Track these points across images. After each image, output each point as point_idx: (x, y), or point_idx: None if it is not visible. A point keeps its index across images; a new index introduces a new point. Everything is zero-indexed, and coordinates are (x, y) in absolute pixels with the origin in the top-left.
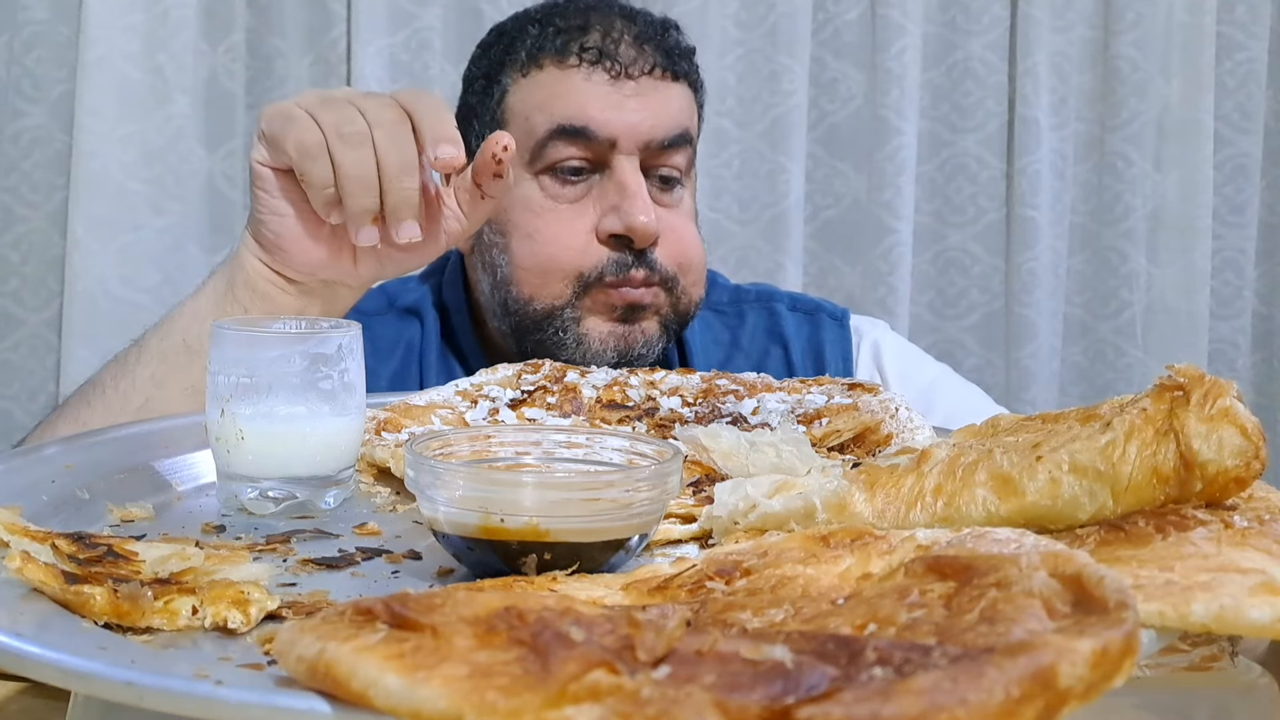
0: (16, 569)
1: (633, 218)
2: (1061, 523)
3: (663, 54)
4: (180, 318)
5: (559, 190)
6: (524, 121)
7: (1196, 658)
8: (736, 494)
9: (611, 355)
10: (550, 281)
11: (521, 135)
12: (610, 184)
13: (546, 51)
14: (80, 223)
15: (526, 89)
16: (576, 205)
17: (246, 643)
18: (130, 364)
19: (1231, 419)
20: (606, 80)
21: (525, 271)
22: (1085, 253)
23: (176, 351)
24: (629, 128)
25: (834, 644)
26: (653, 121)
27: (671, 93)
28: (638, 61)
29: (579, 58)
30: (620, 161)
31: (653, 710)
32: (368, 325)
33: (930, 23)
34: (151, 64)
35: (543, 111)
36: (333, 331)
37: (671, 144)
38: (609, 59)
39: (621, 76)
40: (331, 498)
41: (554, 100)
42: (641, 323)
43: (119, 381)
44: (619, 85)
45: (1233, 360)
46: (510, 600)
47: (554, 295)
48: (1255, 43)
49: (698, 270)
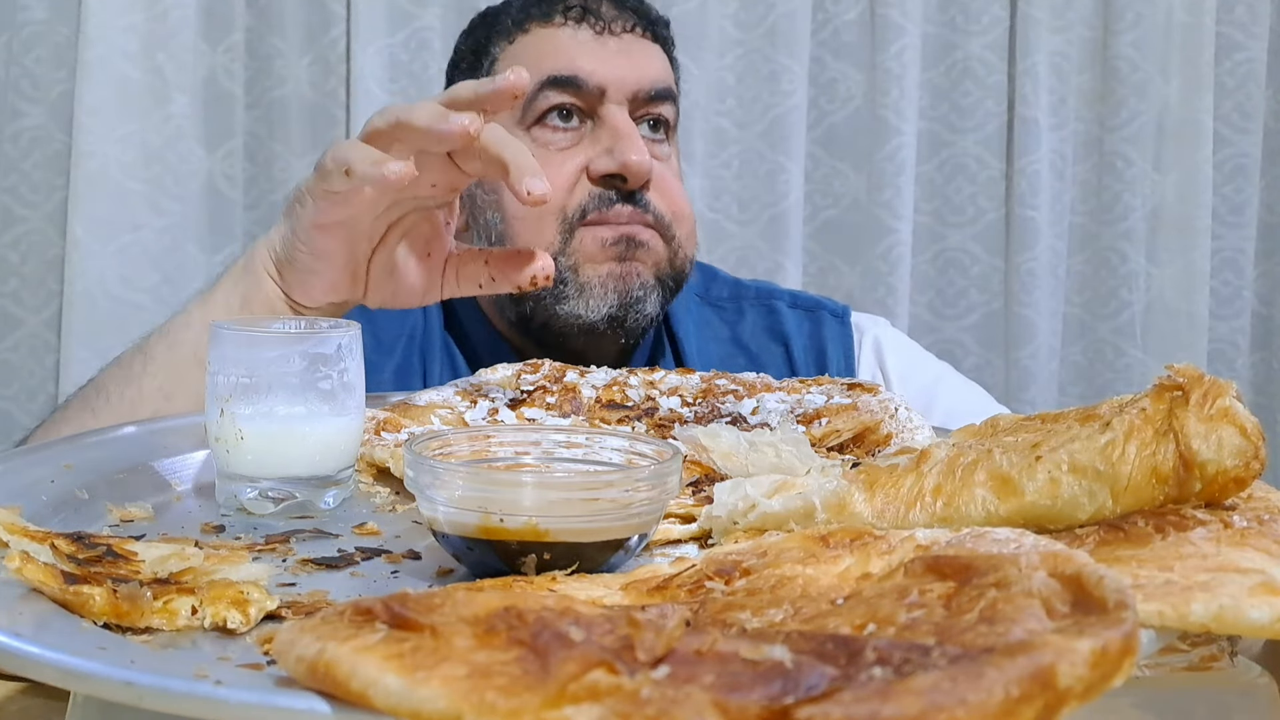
0: (16, 569)
1: (626, 155)
2: (1061, 523)
3: (640, 16)
4: (189, 329)
5: (550, 138)
6: None
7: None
8: (736, 494)
9: (613, 298)
10: (543, 227)
11: None
12: (603, 130)
13: (531, 17)
14: (79, 223)
15: (514, 53)
16: (567, 151)
17: (246, 643)
18: (136, 373)
19: (1231, 419)
20: (592, 36)
21: (519, 220)
22: (1085, 253)
23: (187, 365)
24: (617, 78)
25: (833, 644)
26: (638, 74)
27: (652, 52)
28: (619, 19)
29: (564, 16)
30: (611, 109)
31: (652, 710)
32: (370, 318)
33: (930, 23)
34: (151, 64)
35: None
36: (332, 331)
37: (658, 96)
38: (593, 15)
39: (605, 33)
40: (331, 498)
41: (543, 57)
42: (637, 264)
43: (124, 389)
44: (604, 40)
45: (1232, 360)
46: (510, 600)
47: (545, 243)
48: (1255, 43)
49: (690, 224)
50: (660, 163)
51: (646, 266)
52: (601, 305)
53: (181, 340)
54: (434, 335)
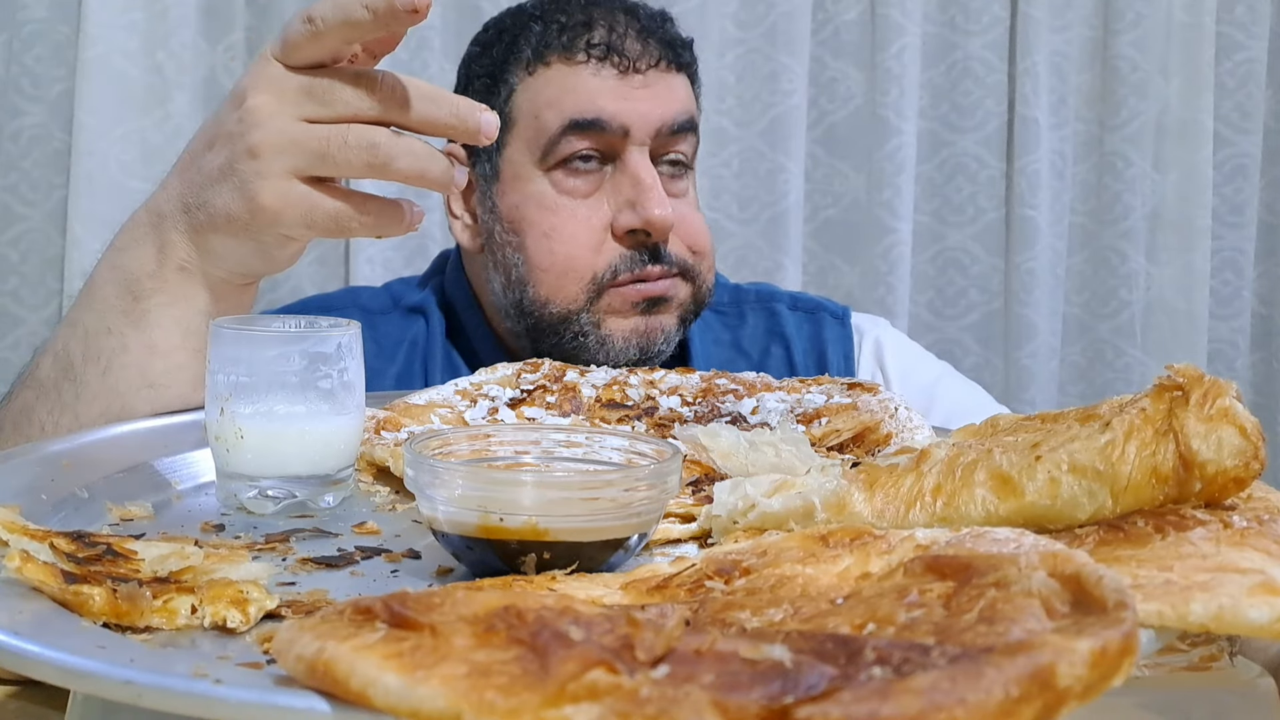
0: (15, 568)
1: (650, 211)
2: (1060, 522)
3: (665, 46)
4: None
5: (571, 184)
6: (533, 120)
7: (1195, 658)
8: (736, 493)
9: (634, 352)
10: (567, 283)
11: (532, 133)
12: (623, 178)
13: (553, 49)
14: (79, 221)
15: (534, 87)
16: (590, 200)
17: (245, 642)
18: (68, 400)
19: (1230, 419)
20: (615, 75)
21: (542, 272)
22: (1084, 252)
23: (135, 390)
24: (640, 117)
25: (833, 643)
26: (662, 110)
27: (676, 82)
28: (643, 55)
29: (586, 54)
30: (632, 154)
31: (651, 709)
32: (372, 324)
33: (930, 22)
34: (151, 62)
35: (553, 108)
36: (332, 330)
37: (680, 129)
38: (616, 54)
39: (630, 71)
40: (331, 497)
41: (564, 96)
42: (661, 316)
43: (59, 419)
44: (628, 79)
45: (1232, 360)
46: (509, 599)
47: (569, 298)
48: (1255, 43)
49: (710, 256)
50: (679, 199)
51: (670, 315)
52: (622, 357)
53: (120, 364)
54: (436, 342)
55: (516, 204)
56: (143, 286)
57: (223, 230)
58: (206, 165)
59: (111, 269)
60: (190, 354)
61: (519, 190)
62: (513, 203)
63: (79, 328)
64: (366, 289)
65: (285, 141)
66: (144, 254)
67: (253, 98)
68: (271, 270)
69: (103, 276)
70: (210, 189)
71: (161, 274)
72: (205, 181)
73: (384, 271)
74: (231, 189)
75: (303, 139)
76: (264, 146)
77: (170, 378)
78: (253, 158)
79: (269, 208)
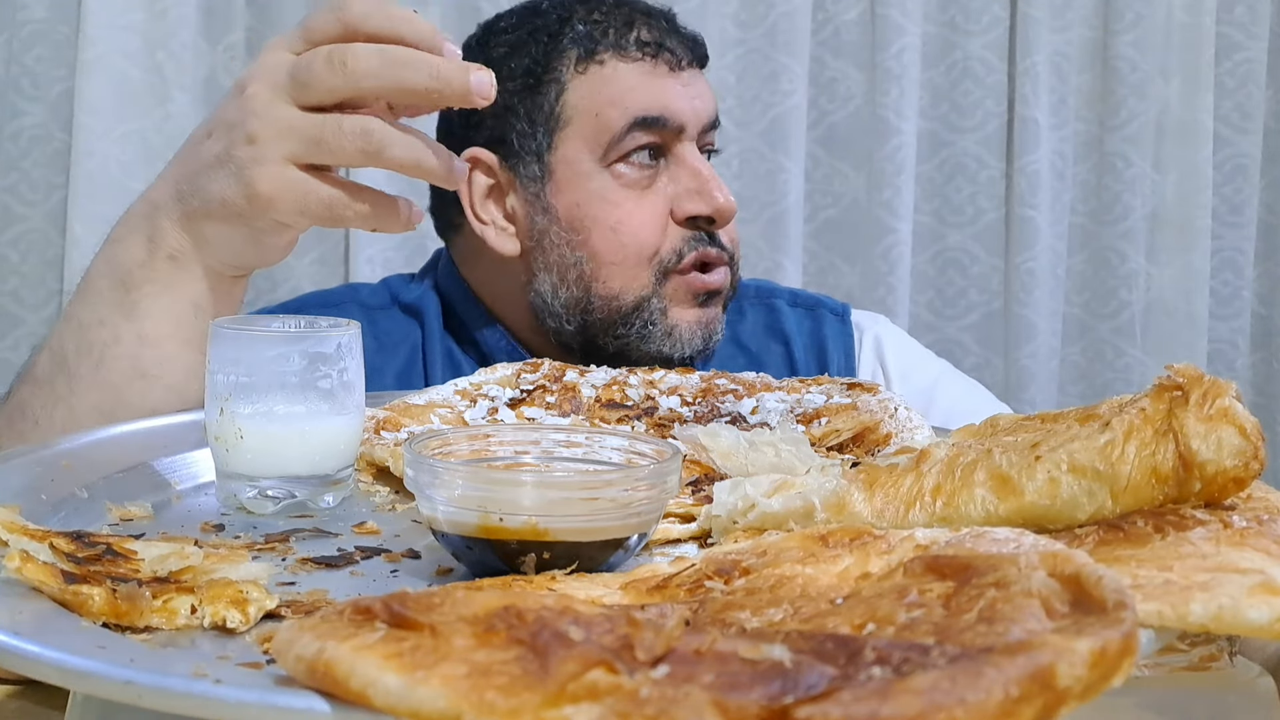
0: (15, 568)
1: (715, 199)
2: (1060, 522)
3: (694, 44)
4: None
5: (634, 177)
6: (593, 118)
7: (1195, 658)
8: (735, 493)
9: (699, 343)
10: (638, 272)
11: (592, 131)
12: (681, 170)
13: (604, 47)
14: (79, 221)
15: (591, 85)
16: (649, 191)
17: (245, 642)
18: (61, 393)
19: (1230, 419)
20: (668, 72)
21: (613, 266)
22: (1084, 253)
23: (127, 380)
24: (694, 113)
25: (833, 643)
26: (707, 106)
27: (705, 81)
28: (683, 53)
29: (640, 51)
30: (685, 147)
31: (651, 710)
32: (373, 320)
33: (930, 22)
34: (151, 62)
35: (616, 106)
36: (331, 330)
37: (715, 124)
38: (667, 51)
39: (677, 68)
40: (330, 497)
41: (628, 94)
42: (715, 308)
43: (52, 412)
44: (678, 76)
45: (1232, 360)
46: (509, 599)
47: (641, 285)
48: (1255, 43)
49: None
50: None
51: (719, 307)
52: (688, 347)
53: (112, 355)
54: (435, 337)
55: (578, 201)
56: (133, 277)
57: (216, 217)
58: (204, 153)
59: (105, 262)
60: (181, 344)
61: (579, 188)
62: (573, 200)
63: (73, 322)
64: (365, 285)
65: (283, 127)
66: (135, 244)
67: (251, 87)
68: (263, 261)
69: (96, 270)
70: (206, 175)
71: (152, 264)
72: (201, 169)
73: (384, 271)
74: (228, 175)
75: (299, 125)
76: (261, 133)
77: (161, 368)
78: (250, 143)
79: (264, 193)
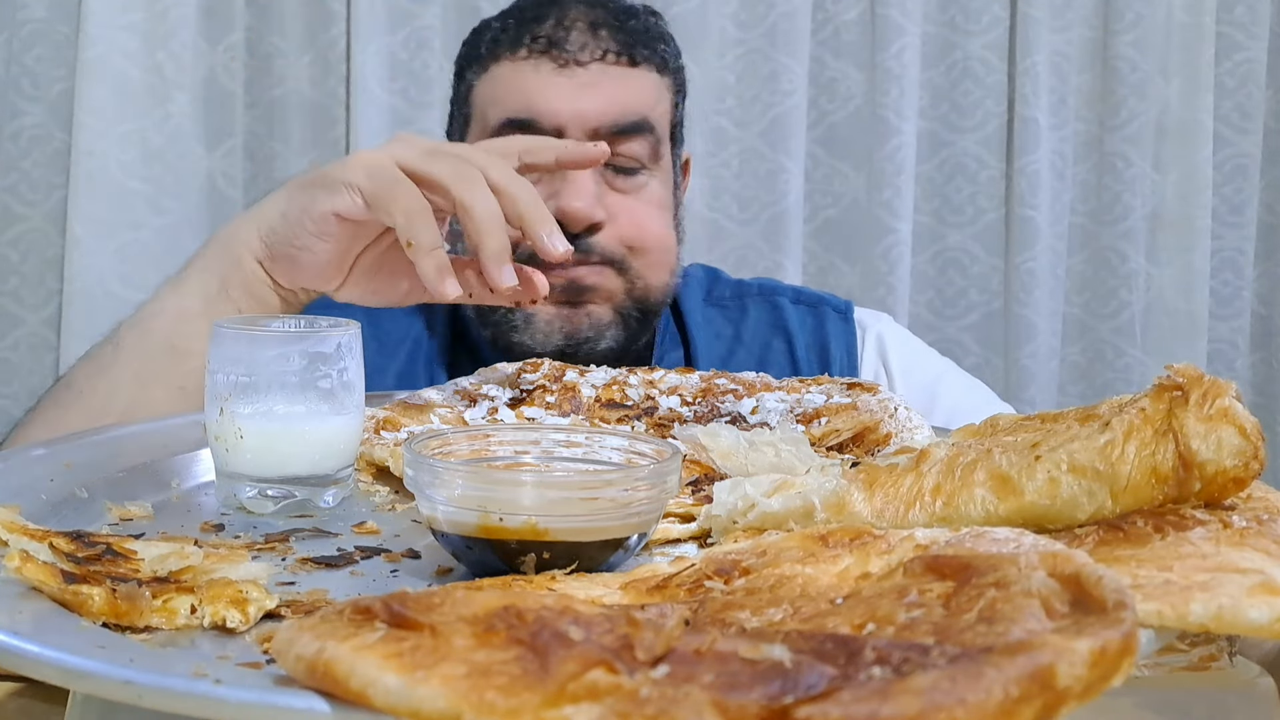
0: (15, 568)
1: (566, 202)
2: (1060, 522)
3: (619, 40)
4: (162, 316)
5: None
6: (482, 119)
7: (1195, 657)
8: (735, 493)
9: (559, 338)
10: None
11: (480, 132)
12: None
13: (502, 45)
14: (79, 221)
15: (485, 85)
16: None
17: (245, 641)
18: (107, 364)
19: (1230, 419)
20: (553, 69)
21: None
22: (1084, 253)
23: (162, 352)
24: (575, 115)
25: (832, 643)
26: (602, 108)
27: (629, 79)
28: (588, 48)
29: (529, 49)
30: None
31: (651, 709)
32: (375, 320)
33: (930, 22)
34: (151, 62)
35: (495, 106)
36: (331, 330)
37: (624, 131)
38: (557, 47)
39: (570, 64)
40: (330, 497)
41: (504, 94)
42: (589, 306)
43: (96, 382)
44: (568, 73)
45: (1232, 360)
46: (509, 599)
47: None
48: (1255, 43)
49: (656, 253)
50: (625, 195)
51: (600, 305)
52: (547, 341)
53: (153, 328)
54: (438, 340)
55: None
56: (191, 263)
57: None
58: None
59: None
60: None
61: None
62: None
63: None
64: None
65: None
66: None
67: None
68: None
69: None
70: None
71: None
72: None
73: None
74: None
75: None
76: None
77: (189, 343)
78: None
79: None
